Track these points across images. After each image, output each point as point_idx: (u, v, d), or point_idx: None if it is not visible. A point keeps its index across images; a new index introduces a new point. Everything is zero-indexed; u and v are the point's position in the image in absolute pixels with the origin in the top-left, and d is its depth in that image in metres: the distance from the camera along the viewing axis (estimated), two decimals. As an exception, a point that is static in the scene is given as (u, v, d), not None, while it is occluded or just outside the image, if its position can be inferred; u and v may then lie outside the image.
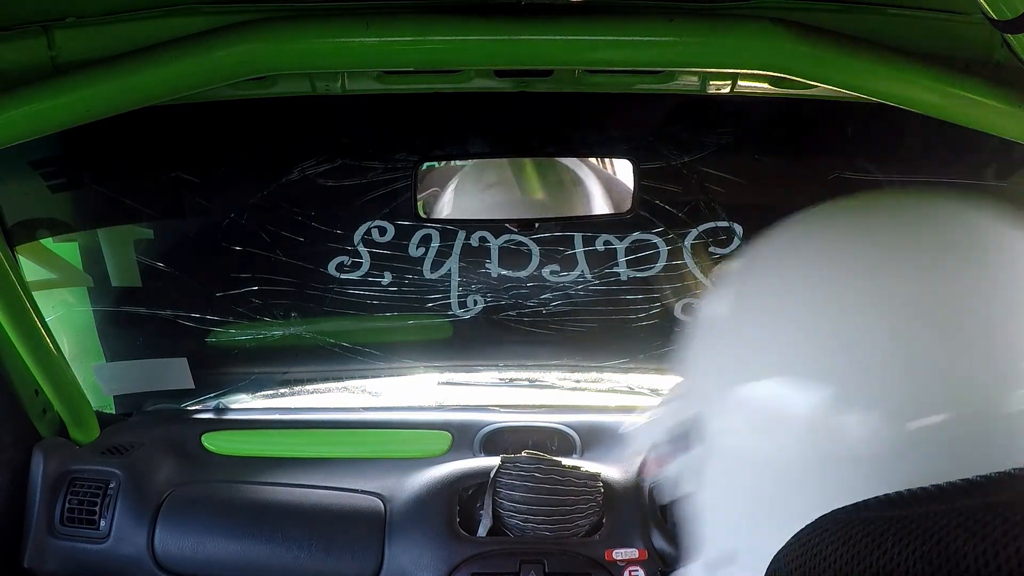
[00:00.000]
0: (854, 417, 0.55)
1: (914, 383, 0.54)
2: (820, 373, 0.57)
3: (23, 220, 1.33)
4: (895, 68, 0.90)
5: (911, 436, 0.53)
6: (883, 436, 0.54)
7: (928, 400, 0.54)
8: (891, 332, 0.56)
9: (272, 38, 0.90)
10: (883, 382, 0.55)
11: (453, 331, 1.53)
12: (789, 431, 0.57)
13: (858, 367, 0.56)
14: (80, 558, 1.30)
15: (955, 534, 0.37)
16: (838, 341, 0.57)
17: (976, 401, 0.53)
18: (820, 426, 0.56)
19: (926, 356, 0.55)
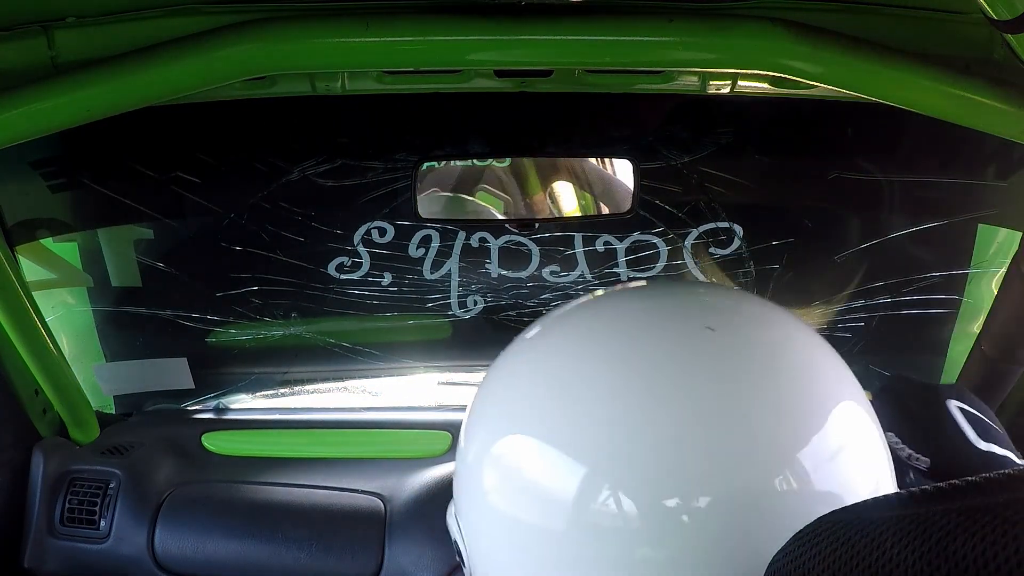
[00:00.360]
0: (615, 494, 0.58)
1: (664, 468, 0.57)
2: (587, 452, 0.60)
3: (23, 220, 1.33)
4: (895, 68, 0.90)
5: (669, 512, 0.57)
6: (641, 512, 0.57)
7: (687, 479, 0.57)
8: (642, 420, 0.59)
9: (272, 38, 0.90)
10: (642, 463, 0.58)
11: (453, 331, 1.53)
12: (557, 500, 0.60)
13: (617, 451, 0.59)
14: (80, 558, 1.30)
15: (954, 534, 0.37)
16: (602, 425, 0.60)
17: (731, 485, 0.57)
18: (585, 499, 0.59)
19: (675, 445, 0.58)
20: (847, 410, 0.63)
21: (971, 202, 1.36)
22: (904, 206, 1.39)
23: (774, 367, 0.63)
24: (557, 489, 0.60)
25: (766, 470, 0.58)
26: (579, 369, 0.64)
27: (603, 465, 0.59)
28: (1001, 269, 1.35)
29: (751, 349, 0.64)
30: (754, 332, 0.66)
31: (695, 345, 0.63)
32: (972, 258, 1.41)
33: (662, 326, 0.66)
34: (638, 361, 0.62)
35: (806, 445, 0.59)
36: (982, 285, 1.41)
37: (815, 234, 1.42)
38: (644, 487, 0.58)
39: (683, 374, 0.61)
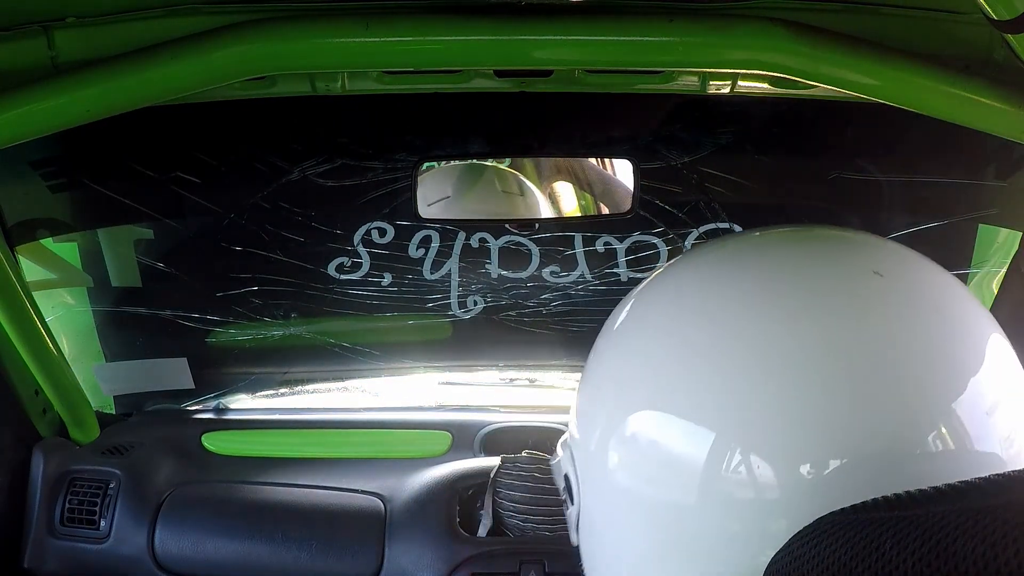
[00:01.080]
0: (746, 461, 0.53)
1: (807, 428, 0.53)
2: (713, 417, 0.55)
3: (23, 220, 1.33)
4: (895, 68, 0.89)
5: (805, 480, 0.52)
6: (777, 480, 0.52)
7: (822, 444, 0.52)
8: (783, 376, 0.54)
9: (272, 38, 0.90)
10: (775, 427, 0.53)
11: (453, 331, 1.53)
12: (683, 475, 0.56)
13: (750, 411, 0.54)
14: (80, 558, 1.30)
15: (954, 536, 0.37)
16: (731, 385, 0.55)
17: (870, 446, 0.52)
18: (713, 470, 0.54)
19: (820, 400, 0.53)
20: (1005, 360, 0.59)
21: (971, 202, 1.36)
22: (904, 206, 1.39)
23: (944, 322, 0.58)
24: (687, 459, 0.55)
25: (917, 426, 0.53)
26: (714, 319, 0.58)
27: (735, 427, 0.54)
28: (1001, 269, 1.35)
29: (921, 299, 0.58)
30: (924, 282, 0.61)
31: (863, 291, 0.57)
32: (972, 258, 1.40)
33: (822, 270, 0.59)
34: (787, 309, 0.56)
35: (963, 395, 0.54)
36: (982, 285, 1.41)
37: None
38: (778, 451, 0.52)
39: (849, 321, 0.55)
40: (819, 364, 0.54)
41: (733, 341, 0.56)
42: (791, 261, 0.61)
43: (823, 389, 0.53)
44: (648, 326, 0.63)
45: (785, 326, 0.56)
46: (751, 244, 0.67)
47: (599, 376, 0.66)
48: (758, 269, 0.61)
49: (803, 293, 0.57)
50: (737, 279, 0.61)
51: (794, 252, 0.63)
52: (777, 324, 0.56)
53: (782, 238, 0.68)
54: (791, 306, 0.57)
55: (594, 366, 0.67)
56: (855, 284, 0.58)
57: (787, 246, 0.65)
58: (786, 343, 0.55)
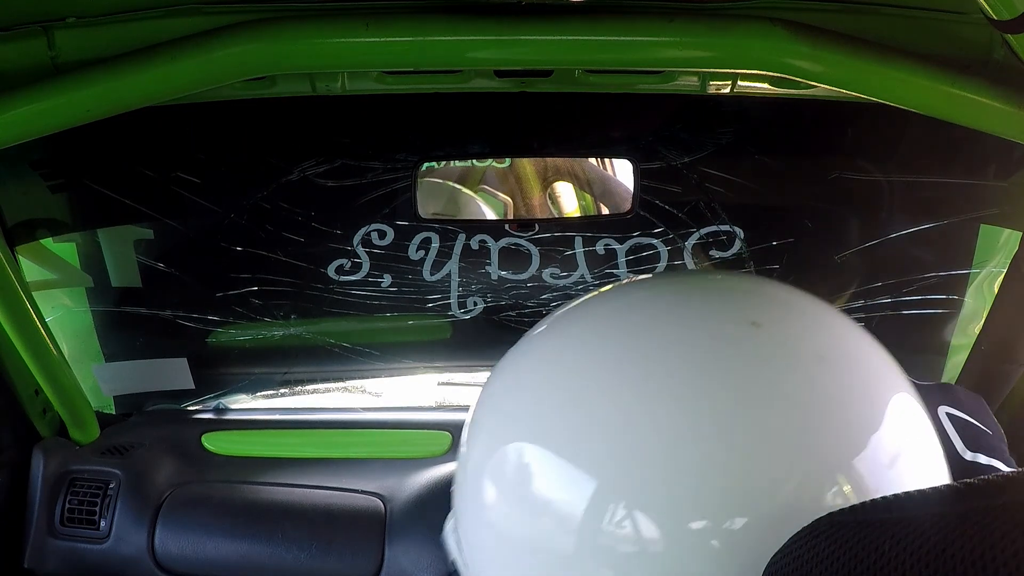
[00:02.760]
0: (631, 515, 0.51)
1: (694, 483, 0.51)
2: (596, 465, 0.53)
3: (23, 220, 1.33)
4: (895, 68, 0.89)
5: (697, 536, 0.50)
6: (662, 535, 0.51)
7: (709, 501, 0.51)
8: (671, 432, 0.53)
9: (272, 38, 0.90)
10: (663, 482, 0.51)
11: (453, 332, 1.53)
12: (561, 521, 0.54)
13: (637, 464, 0.52)
14: (80, 558, 1.30)
15: (952, 537, 0.37)
16: (617, 437, 0.54)
17: (768, 504, 0.50)
18: (594, 521, 0.52)
19: (712, 457, 0.52)
20: (903, 412, 0.57)
21: (971, 202, 1.36)
22: (904, 206, 1.39)
23: (829, 370, 0.56)
24: (565, 506, 0.53)
25: (817, 483, 0.51)
26: (593, 365, 0.58)
27: (618, 479, 0.52)
28: (1002, 269, 1.35)
29: (803, 348, 0.56)
30: (803, 327, 0.59)
31: (740, 342, 0.55)
32: (973, 258, 1.40)
33: (700, 320, 0.58)
34: (670, 359, 0.55)
35: (864, 450, 0.52)
36: (983, 285, 1.41)
37: (815, 234, 1.42)
38: (667, 505, 0.51)
39: (727, 374, 0.54)
40: (702, 421, 0.52)
41: (619, 393, 0.55)
42: (668, 314, 0.60)
43: (712, 446, 0.52)
44: (544, 359, 0.62)
45: (665, 382, 0.54)
46: (635, 294, 0.66)
47: (490, 393, 0.66)
48: (638, 323, 0.60)
49: (681, 348, 0.56)
50: (619, 332, 0.60)
51: (672, 304, 0.62)
52: (657, 379, 0.55)
53: (662, 289, 0.67)
54: (670, 362, 0.55)
55: (490, 382, 0.66)
56: (732, 337, 0.56)
57: (665, 298, 0.64)
58: (668, 400, 0.54)
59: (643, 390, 0.55)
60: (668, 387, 0.54)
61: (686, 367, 0.55)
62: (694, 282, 0.69)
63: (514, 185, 1.69)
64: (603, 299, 0.66)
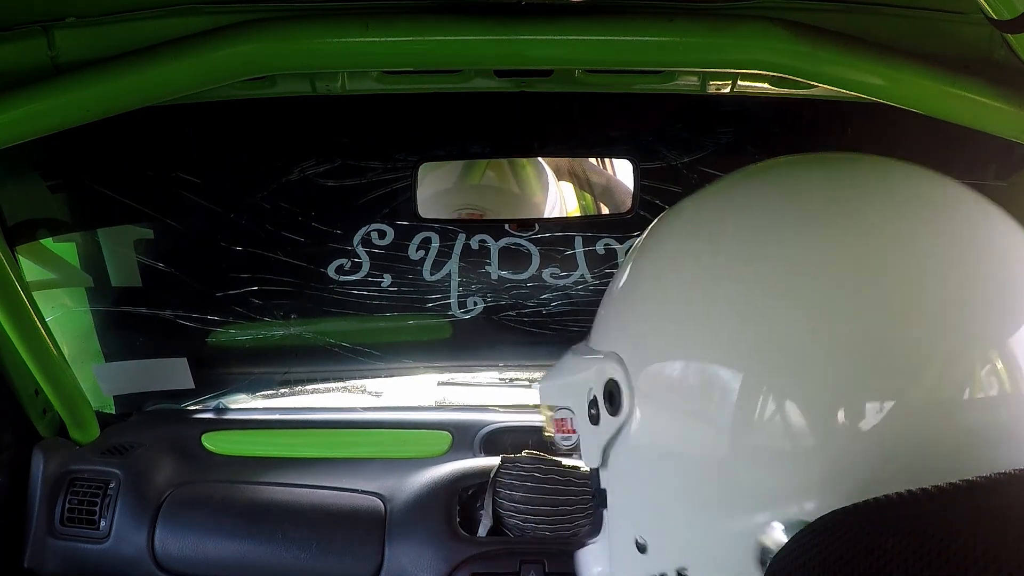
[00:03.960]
0: (782, 408, 0.49)
1: (848, 374, 0.49)
2: (746, 360, 0.52)
3: (23, 220, 1.33)
4: (895, 68, 0.90)
5: (840, 425, 0.48)
6: (814, 429, 0.49)
7: (864, 393, 0.48)
8: (822, 318, 0.50)
9: (272, 38, 0.90)
10: (813, 372, 0.49)
11: (453, 331, 1.53)
12: (714, 420, 0.52)
13: (786, 354, 0.50)
14: (80, 558, 1.30)
15: (955, 535, 0.37)
16: (766, 326, 0.51)
17: (918, 395, 0.48)
18: (746, 417, 0.51)
19: (861, 344, 0.49)
20: None
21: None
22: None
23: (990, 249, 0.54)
24: (714, 406, 0.51)
25: (970, 363, 0.48)
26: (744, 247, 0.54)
27: (764, 367, 0.50)
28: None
29: (969, 229, 0.55)
30: (968, 212, 0.58)
31: (905, 220, 0.53)
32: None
33: (861, 195, 0.55)
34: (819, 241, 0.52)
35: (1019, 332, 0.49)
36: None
37: None
38: (817, 395, 0.48)
39: (892, 252, 0.51)
40: (854, 294, 0.50)
41: (764, 276, 0.53)
42: (823, 186, 0.57)
43: (855, 327, 0.49)
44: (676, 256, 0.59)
45: (812, 264, 0.52)
46: (783, 170, 0.63)
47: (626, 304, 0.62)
48: (790, 196, 0.57)
49: (836, 219, 0.53)
50: (768, 205, 0.57)
51: (827, 176, 0.59)
52: (806, 262, 0.52)
53: (814, 163, 0.63)
54: (823, 233, 0.53)
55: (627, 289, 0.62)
56: (896, 213, 0.54)
57: (819, 170, 0.61)
58: (815, 281, 0.51)
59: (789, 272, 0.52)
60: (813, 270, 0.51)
61: (841, 244, 0.52)
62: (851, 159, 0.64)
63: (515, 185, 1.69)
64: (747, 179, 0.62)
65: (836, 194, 0.56)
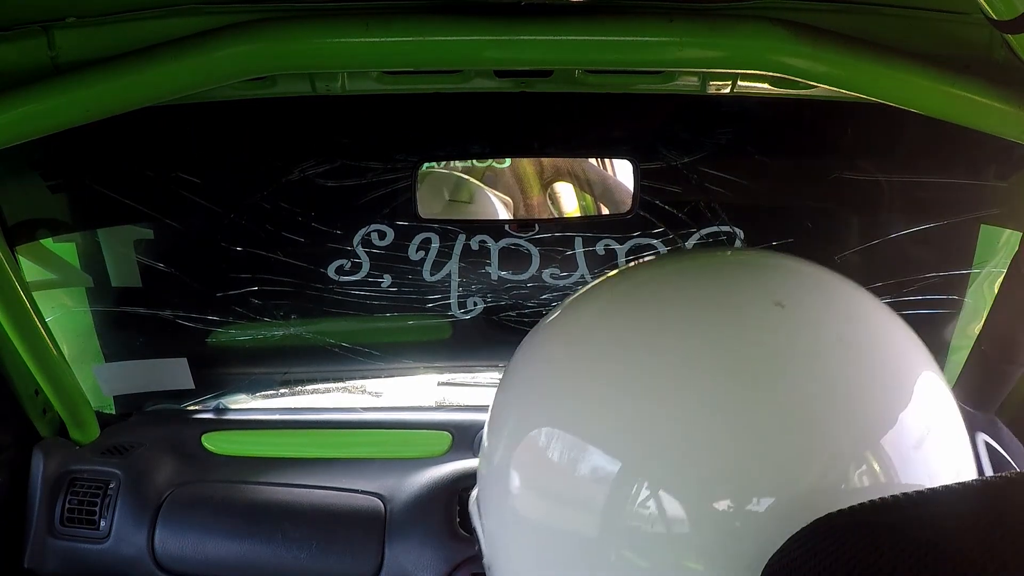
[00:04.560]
0: (655, 495, 0.51)
1: (720, 462, 0.51)
2: (620, 446, 0.53)
3: (23, 220, 1.33)
4: (895, 68, 0.89)
5: (721, 517, 0.50)
6: (687, 516, 0.50)
7: (734, 480, 0.50)
8: (692, 414, 0.52)
9: (272, 38, 0.90)
10: (687, 461, 0.51)
11: (453, 332, 1.53)
12: (588, 498, 0.54)
13: (660, 444, 0.52)
14: (80, 558, 1.30)
15: (952, 538, 0.37)
16: (640, 417, 0.53)
17: (795, 491, 0.50)
18: (621, 498, 0.52)
19: (733, 435, 0.51)
20: (930, 393, 0.56)
21: (971, 202, 1.35)
22: (904, 206, 1.39)
23: (853, 350, 0.55)
24: (590, 488, 0.53)
25: (843, 462, 0.50)
26: (616, 345, 0.57)
27: (642, 459, 0.52)
28: (1002, 269, 1.35)
29: (827, 326, 0.56)
30: (829, 307, 0.58)
31: (764, 322, 0.55)
32: (974, 258, 1.40)
33: (724, 301, 0.57)
34: (693, 338, 0.54)
35: (891, 429, 0.51)
36: (983, 285, 1.41)
37: (815, 234, 1.42)
38: (691, 486, 0.50)
39: (751, 356, 0.53)
40: (723, 401, 0.52)
41: (641, 373, 0.55)
42: (691, 293, 0.59)
43: (734, 427, 0.51)
44: (562, 344, 0.62)
45: (688, 364, 0.54)
46: (657, 274, 0.66)
47: (511, 384, 0.65)
48: (662, 302, 0.59)
49: (704, 329, 0.55)
50: (643, 311, 0.59)
51: (694, 283, 0.61)
52: (682, 359, 0.54)
53: (684, 267, 0.66)
54: (694, 342, 0.55)
55: (509, 373, 0.66)
56: (756, 318, 0.55)
57: (688, 276, 0.63)
58: (692, 379, 0.53)
59: (664, 370, 0.54)
60: (689, 368, 0.53)
61: (709, 348, 0.54)
62: (717, 259, 0.67)
63: (514, 185, 1.69)
64: (620, 279, 0.65)
65: (719, 298, 0.58)
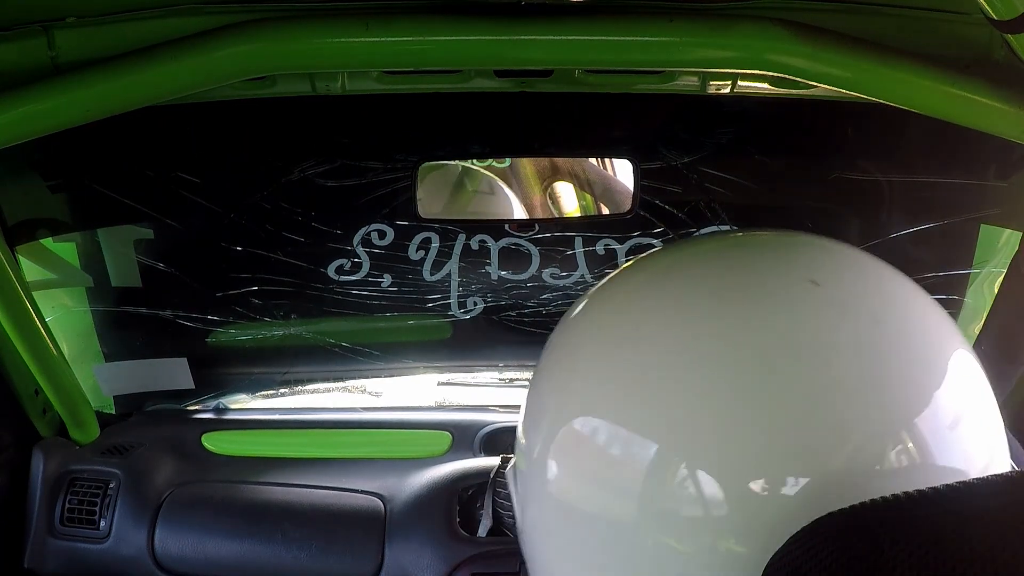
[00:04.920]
0: (692, 475, 0.51)
1: (755, 442, 0.50)
2: (656, 429, 0.53)
3: (23, 220, 1.33)
4: (895, 68, 0.89)
5: (757, 497, 0.50)
6: (725, 497, 0.50)
7: (778, 461, 0.50)
8: (727, 391, 0.52)
9: (272, 38, 0.90)
10: (722, 441, 0.51)
11: (453, 331, 1.53)
12: (624, 483, 0.54)
13: (696, 424, 0.52)
14: (80, 558, 1.30)
15: (952, 537, 0.37)
16: (675, 398, 0.53)
17: (828, 464, 0.50)
18: (657, 481, 0.52)
19: (768, 415, 0.51)
20: (965, 374, 0.56)
21: (971, 202, 1.36)
22: (904, 206, 1.39)
23: (889, 328, 0.55)
24: (627, 472, 0.53)
25: (879, 441, 0.50)
26: (651, 328, 0.56)
27: (677, 442, 0.52)
28: (1002, 269, 1.35)
29: (860, 307, 0.55)
30: (863, 286, 0.58)
31: (798, 300, 0.54)
32: (974, 258, 1.40)
33: (757, 279, 0.57)
34: (727, 318, 0.54)
35: (926, 409, 0.51)
36: (983, 285, 1.41)
37: (815, 234, 1.42)
38: (727, 465, 0.50)
39: (786, 333, 0.53)
40: (760, 380, 0.52)
41: (674, 355, 0.55)
42: (724, 272, 0.59)
43: (769, 405, 0.51)
44: (593, 332, 0.62)
45: (723, 341, 0.54)
46: (687, 254, 0.66)
47: (544, 378, 0.65)
48: (693, 282, 0.59)
49: (737, 307, 0.55)
50: (673, 292, 0.59)
51: (726, 263, 0.61)
52: (715, 339, 0.54)
53: (715, 247, 0.66)
54: (727, 321, 0.55)
55: (541, 368, 0.66)
56: (790, 296, 0.55)
57: (720, 255, 0.63)
58: (726, 359, 0.53)
59: (697, 353, 0.54)
60: (722, 349, 0.53)
61: (744, 327, 0.54)
62: (751, 240, 0.67)
63: (514, 185, 1.69)
64: (647, 263, 0.65)
65: (752, 276, 0.58)
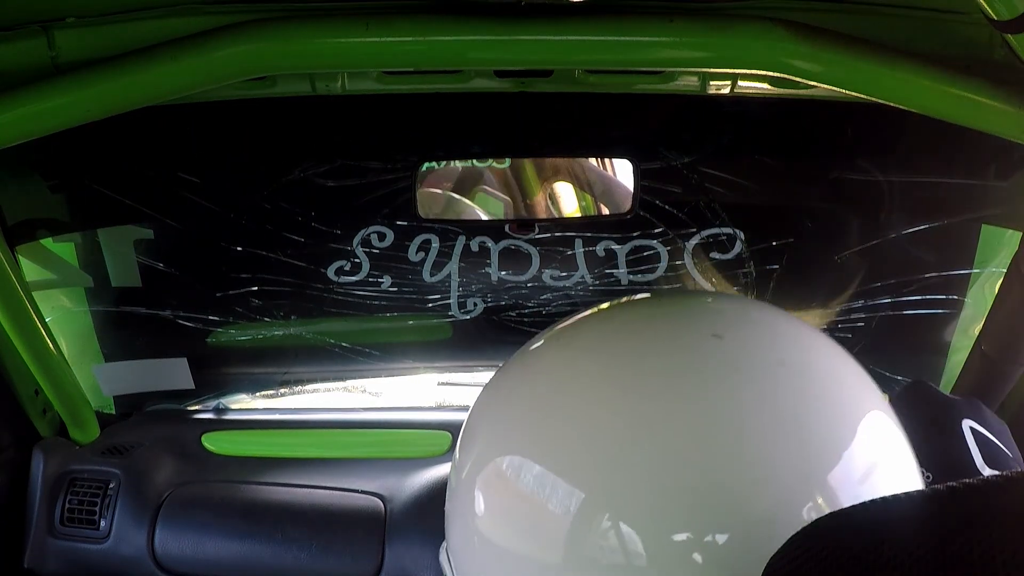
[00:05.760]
0: (615, 527, 0.52)
1: (675, 497, 0.52)
2: (589, 477, 0.55)
3: (23, 220, 1.33)
4: (895, 68, 0.89)
5: (679, 550, 0.51)
6: (645, 549, 0.51)
7: (700, 511, 0.51)
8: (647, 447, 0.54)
9: (272, 38, 0.90)
10: (646, 495, 0.53)
11: (453, 332, 1.53)
12: (552, 530, 0.55)
13: (620, 478, 0.54)
14: (80, 558, 1.30)
15: (951, 537, 0.37)
16: (600, 450, 0.55)
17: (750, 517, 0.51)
18: (581, 532, 0.53)
19: (683, 470, 0.53)
20: (875, 422, 0.57)
21: (971, 202, 1.35)
22: (904, 206, 1.39)
23: (794, 377, 0.57)
24: (552, 517, 0.54)
25: (792, 498, 0.51)
26: (577, 383, 0.60)
27: (602, 491, 0.53)
28: (1002, 270, 1.35)
29: (765, 357, 0.57)
30: (766, 339, 0.60)
31: (702, 354, 0.57)
32: (975, 258, 1.40)
33: (666, 335, 0.61)
34: (640, 374, 0.57)
35: (836, 465, 0.53)
36: (983, 285, 1.41)
37: (815, 234, 1.42)
38: (649, 519, 0.52)
39: (690, 387, 0.56)
40: (672, 435, 0.54)
41: (598, 406, 0.57)
42: (640, 331, 0.63)
43: (683, 460, 0.53)
44: (529, 380, 0.65)
45: (638, 396, 0.56)
46: (614, 315, 0.69)
47: (480, 407, 0.68)
48: (614, 341, 0.63)
49: (649, 362, 0.58)
50: (597, 350, 0.63)
51: (642, 322, 0.65)
52: (632, 394, 0.57)
53: (635, 309, 0.70)
54: (642, 377, 0.58)
55: (479, 397, 0.69)
56: (694, 350, 0.58)
57: (638, 317, 0.67)
58: (641, 413, 0.55)
59: (620, 404, 0.56)
60: (641, 401, 0.56)
61: (655, 381, 0.57)
62: (662, 301, 0.73)
63: (514, 185, 1.69)
64: (588, 320, 0.69)
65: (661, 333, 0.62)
